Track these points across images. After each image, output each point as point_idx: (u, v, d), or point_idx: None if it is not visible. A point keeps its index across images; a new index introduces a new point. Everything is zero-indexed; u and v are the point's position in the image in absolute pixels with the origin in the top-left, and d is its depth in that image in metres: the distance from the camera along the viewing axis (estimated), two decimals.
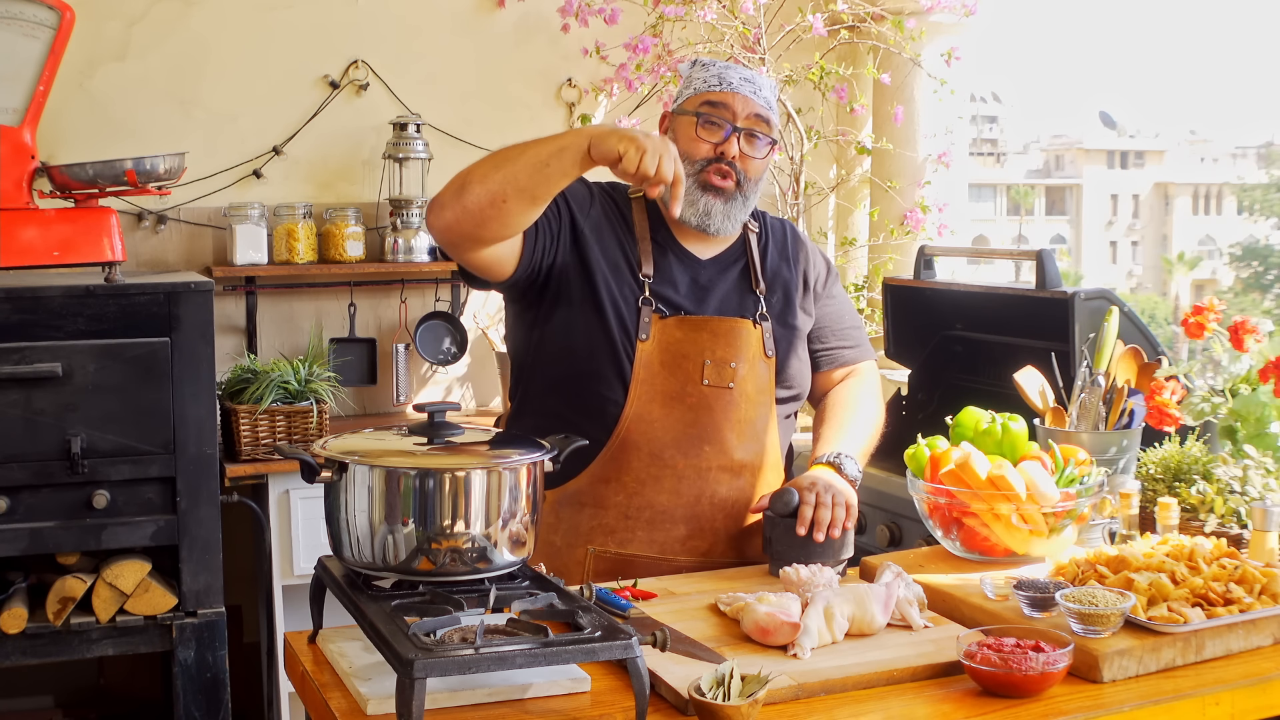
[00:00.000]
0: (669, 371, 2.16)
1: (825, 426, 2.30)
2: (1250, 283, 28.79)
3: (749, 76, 2.22)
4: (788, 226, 2.40)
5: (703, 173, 2.19)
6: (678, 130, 2.23)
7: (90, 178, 2.92)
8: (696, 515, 2.17)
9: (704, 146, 2.19)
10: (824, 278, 2.38)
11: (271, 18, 3.93)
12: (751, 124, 2.20)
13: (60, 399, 2.82)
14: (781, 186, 4.09)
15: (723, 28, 3.94)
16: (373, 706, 1.53)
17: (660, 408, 2.15)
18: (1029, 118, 73.48)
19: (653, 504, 2.15)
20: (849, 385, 2.38)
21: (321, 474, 1.65)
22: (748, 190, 2.22)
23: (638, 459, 2.15)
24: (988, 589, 1.85)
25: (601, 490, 2.16)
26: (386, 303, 4.09)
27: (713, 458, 2.17)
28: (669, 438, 2.15)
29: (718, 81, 2.20)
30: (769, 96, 2.23)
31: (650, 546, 2.16)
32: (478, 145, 4.12)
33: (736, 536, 2.21)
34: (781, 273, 2.31)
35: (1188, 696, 1.60)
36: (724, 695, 1.47)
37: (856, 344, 2.40)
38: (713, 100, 2.20)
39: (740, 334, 2.19)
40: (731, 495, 2.19)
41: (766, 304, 2.26)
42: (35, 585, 2.94)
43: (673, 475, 2.15)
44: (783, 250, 2.34)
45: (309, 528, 3.54)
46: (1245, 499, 2.08)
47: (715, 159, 2.19)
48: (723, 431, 2.17)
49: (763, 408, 2.22)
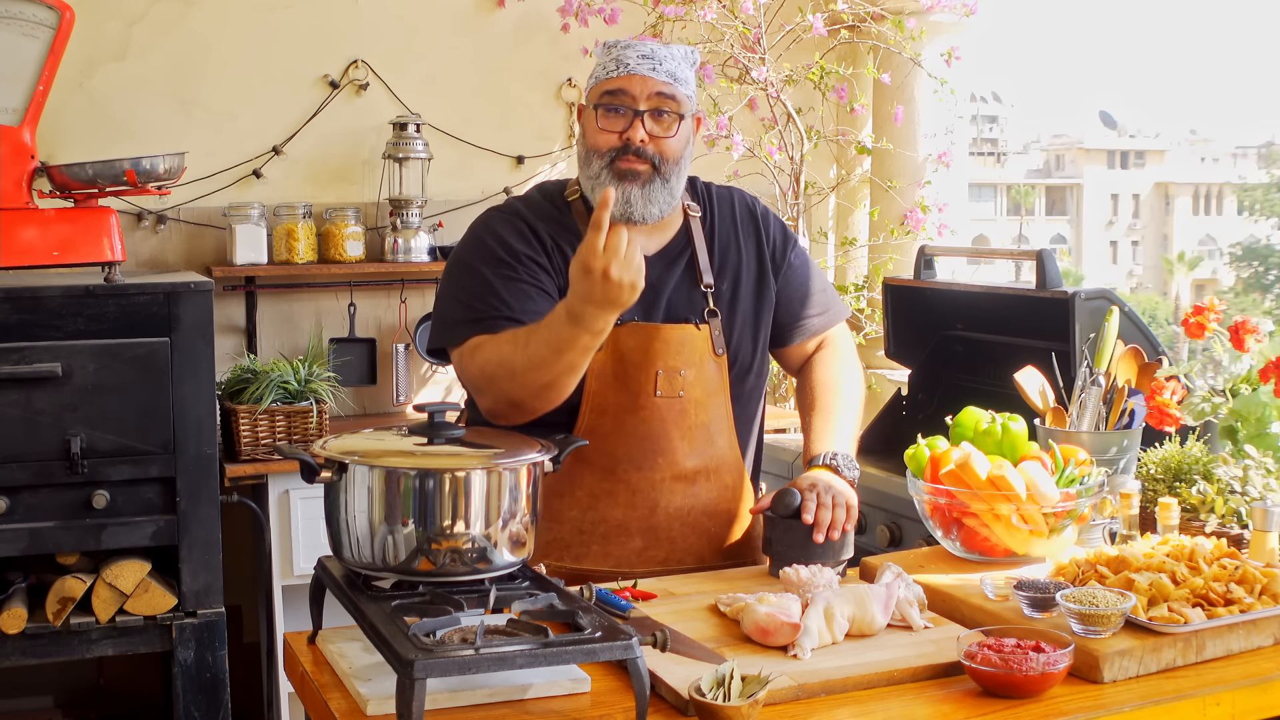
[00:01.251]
0: (621, 384, 2.11)
1: (814, 417, 2.25)
2: (1251, 283, 28.80)
3: (648, 53, 2.11)
4: (736, 197, 2.30)
5: (613, 164, 2.10)
6: (585, 124, 2.15)
7: (90, 178, 2.92)
8: (651, 527, 2.15)
9: (609, 137, 2.10)
10: (780, 245, 2.29)
11: (271, 18, 3.93)
12: (655, 103, 2.09)
13: (60, 399, 2.82)
14: (782, 186, 4.09)
15: (723, 28, 3.94)
16: (373, 707, 1.52)
17: (612, 421, 2.11)
18: (1029, 118, 73.55)
19: (606, 518, 2.13)
20: (824, 361, 2.33)
21: (321, 474, 1.65)
22: (667, 172, 2.11)
23: (590, 474, 2.12)
24: (988, 589, 1.85)
25: (555, 504, 2.13)
26: (386, 303, 4.09)
27: (665, 469, 2.14)
28: (621, 452, 2.12)
29: (615, 66, 2.11)
30: (674, 68, 2.11)
31: (606, 560, 2.13)
32: (478, 145, 4.13)
33: (695, 543, 2.18)
34: (730, 254, 2.23)
35: (1188, 697, 1.60)
36: (724, 696, 1.47)
37: (824, 309, 2.33)
38: (610, 89, 2.10)
39: (688, 340, 2.14)
40: (686, 503, 2.17)
41: (715, 296, 2.19)
42: (35, 585, 2.94)
43: (626, 489, 2.13)
44: (730, 227, 2.26)
45: (309, 528, 3.53)
46: (1246, 499, 2.08)
47: (622, 148, 2.10)
48: (673, 441, 2.14)
49: (715, 409, 2.18)
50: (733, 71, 4.08)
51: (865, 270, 4.30)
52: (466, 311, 2.09)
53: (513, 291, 2.08)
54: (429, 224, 4.00)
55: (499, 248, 2.13)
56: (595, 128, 2.12)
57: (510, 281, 2.09)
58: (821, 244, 4.47)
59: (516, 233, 2.15)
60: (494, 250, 2.13)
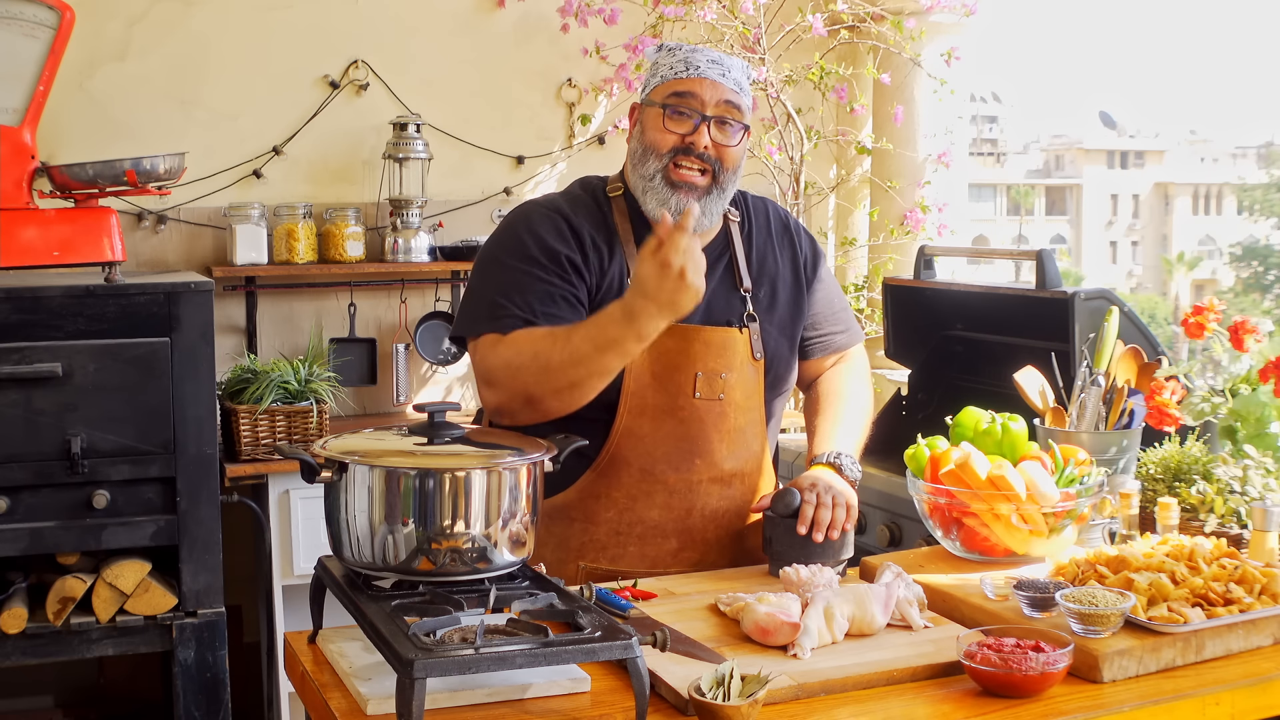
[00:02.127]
0: (660, 384, 2.11)
1: (820, 420, 2.27)
2: (1250, 283, 28.81)
3: (716, 59, 2.11)
4: (770, 207, 2.32)
5: (670, 166, 2.09)
6: (646, 122, 2.13)
7: (90, 178, 2.92)
8: (688, 528, 2.15)
9: (671, 137, 2.09)
10: (811, 259, 2.30)
11: (271, 18, 3.93)
12: (722, 111, 2.09)
13: (60, 399, 2.82)
14: (781, 186, 4.09)
15: (723, 28, 3.94)
16: (373, 706, 1.53)
17: (650, 422, 2.11)
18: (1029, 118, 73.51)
19: (644, 519, 2.13)
20: (839, 373, 2.34)
21: (321, 474, 1.65)
22: (724, 181, 2.12)
23: (628, 475, 2.12)
24: (988, 589, 1.85)
25: (592, 506, 2.13)
26: (386, 303, 4.09)
27: (703, 470, 2.14)
28: (659, 452, 2.11)
29: (684, 67, 2.10)
30: (739, 78, 2.12)
31: (642, 561, 2.13)
32: (478, 145, 4.13)
33: (729, 544, 2.19)
34: (767, 262, 2.24)
35: (1188, 696, 1.60)
36: (724, 695, 1.47)
37: (846, 327, 2.35)
38: (679, 90, 2.09)
39: (730, 344, 2.14)
40: (723, 506, 2.17)
41: (753, 301, 2.20)
42: (35, 585, 2.94)
43: (664, 490, 2.13)
44: (767, 235, 2.27)
45: (309, 528, 3.54)
46: (1245, 499, 2.08)
47: (683, 149, 2.09)
48: (712, 443, 2.14)
49: (752, 413, 2.18)
50: None
51: (865, 270, 4.30)
52: (492, 307, 2.07)
53: (539, 294, 2.06)
54: (429, 224, 4.00)
55: (534, 245, 2.10)
56: (660, 126, 2.10)
57: (540, 282, 2.07)
58: (821, 244, 4.47)
59: (555, 231, 2.12)
60: (529, 248, 2.11)
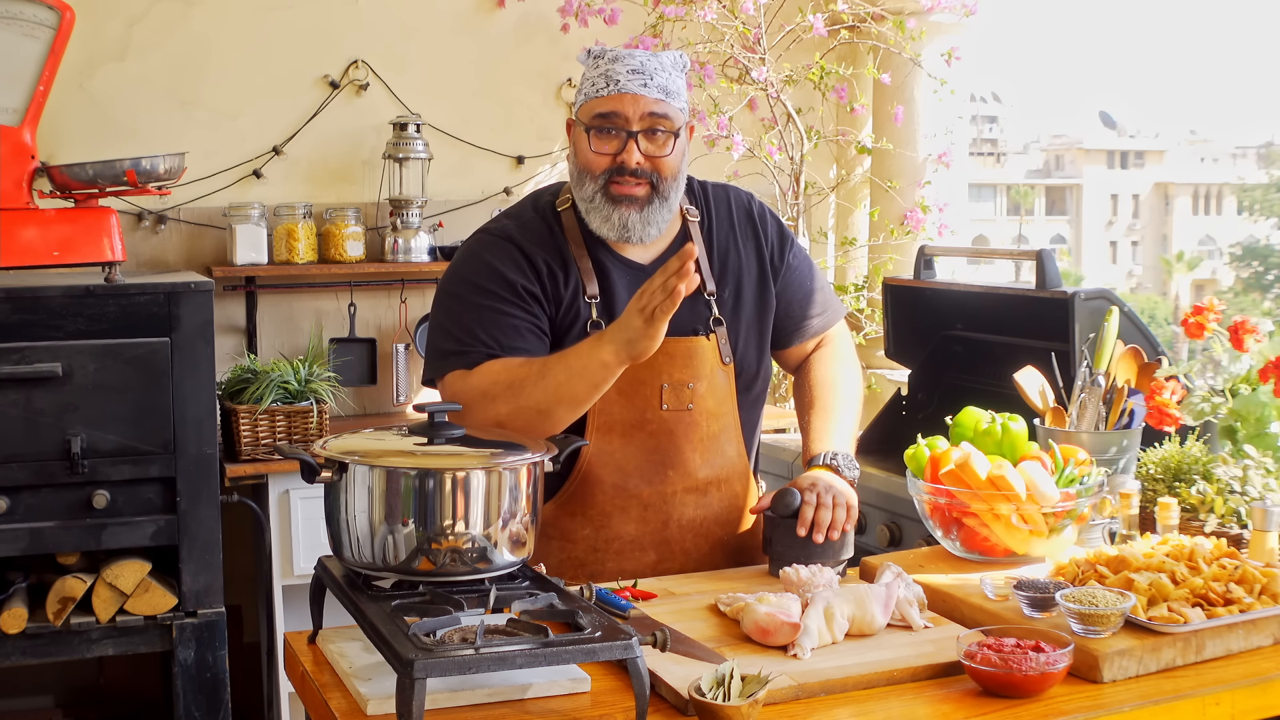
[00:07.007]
0: (626, 399, 2.09)
1: (813, 417, 2.24)
2: (1250, 283, 28.79)
3: (638, 67, 2.05)
4: (732, 195, 2.26)
5: (607, 186, 2.07)
6: (576, 144, 2.11)
7: (90, 178, 2.92)
8: (665, 540, 2.15)
9: (602, 159, 2.06)
10: (778, 247, 2.25)
11: (271, 18, 3.93)
12: (648, 123, 2.05)
13: (60, 399, 2.82)
14: (782, 186, 4.09)
15: (723, 28, 3.94)
16: (373, 706, 1.53)
17: (619, 438, 2.10)
18: (1029, 118, 73.50)
19: (620, 534, 2.13)
20: (824, 359, 2.31)
21: (321, 474, 1.65)
22: (665, 190, 2.08)
23: (601, 492, 2.11)
24: (988, 589, 1.85)
25: (568, 524, 2.13)
26: (386, 303, 4.09)
27: (677, 481, 2.13)
28: (631, 467, 2.11)
29: (605, 83, 2.05)
30: (664, 81, 2.06)
31: (620, 576, 2.11)
32: (478, 145, 4.13)
33: (707, 553, 2.18)
34: (730, 258, 2.20)
35: (1188, 697, 1.60)
36: (724, 695, 1.47)
37: (824, 308, 2.31)
38: (601, 111, 2.05)
39: (696, 352, 2.12)
40: (699, 515, 2.17)
41: (718, 303, 2.17)
42: (35, 585, 2.94)
43: (638, 504, 2.12)
44: (729, 228, 2.22)
45: (309, 528, 3.54)
46: (1245, 499, 2.08)
47: (617, 169, 2.06)
48: (685, 454, 2.13)
49: (725, 419, 2.17)
50: (733, 71, 4.08)
51: (865, 270, 4.30)
52: (458, 343, 2.06)
53: (503, 327, 2.05)
54: (429, 224, 4.00)
55: (489, 279, 2.08)
56: (587, 149, 2.08)
57: (502, 315, 2.06)
58: (821, 244, 4.48)
59: (511, 261, 2.10)
60: (483, 282, 2.08)
